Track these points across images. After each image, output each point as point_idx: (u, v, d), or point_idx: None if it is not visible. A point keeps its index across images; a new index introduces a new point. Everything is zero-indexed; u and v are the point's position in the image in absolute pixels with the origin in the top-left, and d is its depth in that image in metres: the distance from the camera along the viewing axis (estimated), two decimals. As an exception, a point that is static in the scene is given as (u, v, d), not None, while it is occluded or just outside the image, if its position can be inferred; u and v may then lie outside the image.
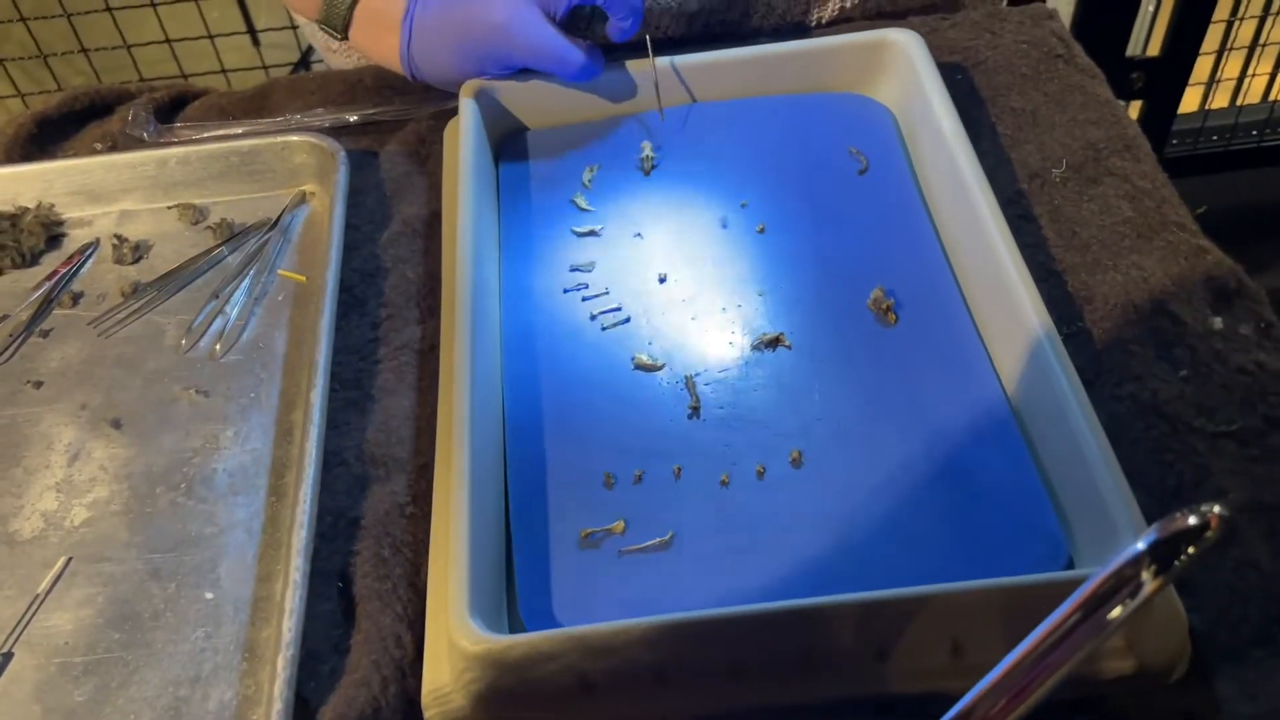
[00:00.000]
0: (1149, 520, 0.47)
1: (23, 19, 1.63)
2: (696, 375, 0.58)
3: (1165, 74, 1.52)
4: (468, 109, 0.67)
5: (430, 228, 0.68)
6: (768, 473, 0.54)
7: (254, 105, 0.78)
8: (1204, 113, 1.65)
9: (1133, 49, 1.51)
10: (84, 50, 1.67)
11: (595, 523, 0.53)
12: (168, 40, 1.62)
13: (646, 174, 0.68)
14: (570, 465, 0.55)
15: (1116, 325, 0.59)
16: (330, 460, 0.57)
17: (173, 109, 0.78)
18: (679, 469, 0.55)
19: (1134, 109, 1.54)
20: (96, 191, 0.71)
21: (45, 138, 0.76)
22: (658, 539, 0.52)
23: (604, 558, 0.52)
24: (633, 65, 0.70)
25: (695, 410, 0.57)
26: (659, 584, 0.51)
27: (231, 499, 0.57)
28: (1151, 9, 1.52)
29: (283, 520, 0.55)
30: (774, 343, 0.59)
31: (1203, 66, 1.55)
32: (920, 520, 0.52)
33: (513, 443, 0.57)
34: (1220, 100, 1.69)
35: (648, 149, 0.68)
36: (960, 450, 0.54)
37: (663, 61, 0.70)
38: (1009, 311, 0.56)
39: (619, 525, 0.53)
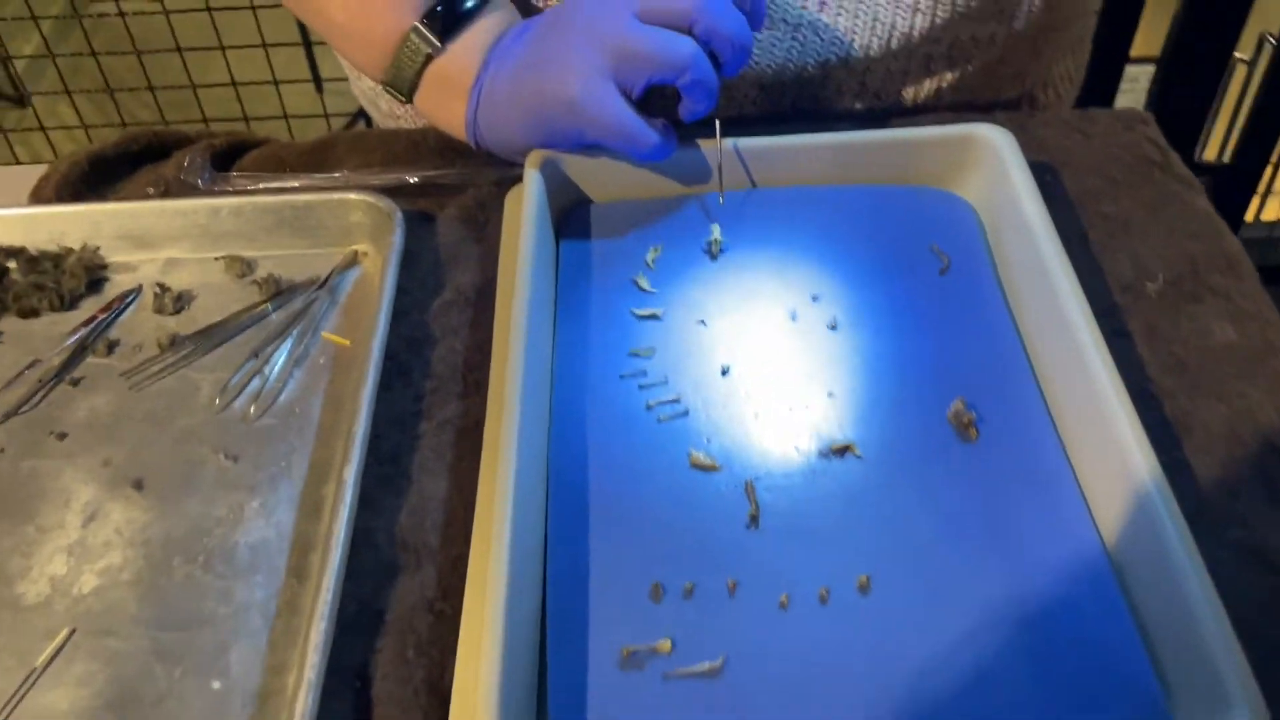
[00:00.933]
0: (1262, 686, 0.42)
1: (94, 53, 1.64)
2: (757, 479, 0.54)
3: (1232, 181, 1.48)
4: (532, 179, 0.64)
5: (482, 297, 0.65)
6: (832, 597, 0.49)
7: (314, 159, 0.75)
8: (1273, 225, 1.60)
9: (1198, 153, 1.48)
10: (150, 88, 1.68)
11: (639, 638, 0.48)
12: (234, 83, 1.63)
13: (713, 258, 0.65)
14: (616, 571, 0.51)
15: (1219, 461, 0.54)
16: (358, 542, 0.53)
17: (230, 157, 0.76)
18: (734, 584, 0.50)
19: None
20: (144, 237, 0.69)
21: (99, 178, 0.74)
22: (707, 663, 0.47)
23: (647, 680, 0.47)
24: (706, 144, 0.67)
25: (754, 519, 0.53)
26: (706, 714, 0.46)
27: (250, 577, 0.53)
28: (1228, 114, 1.48)
29: (302, 605, 0.51)
30: (843, 451, 0.55)
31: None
32: (999, 665, 0.47)
33: (555, 540, 0.52)
34: (1271, 212, 1.65)
35: (716, 232, 0.65)
36: (1046, 588, 0.49)
37: (735, 143, 0.67)
38: (1104, 437, 0.51)
39: (665, 644, 0.48)
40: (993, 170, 0.65)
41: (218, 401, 0.61)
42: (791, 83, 0.74)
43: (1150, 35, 1.45)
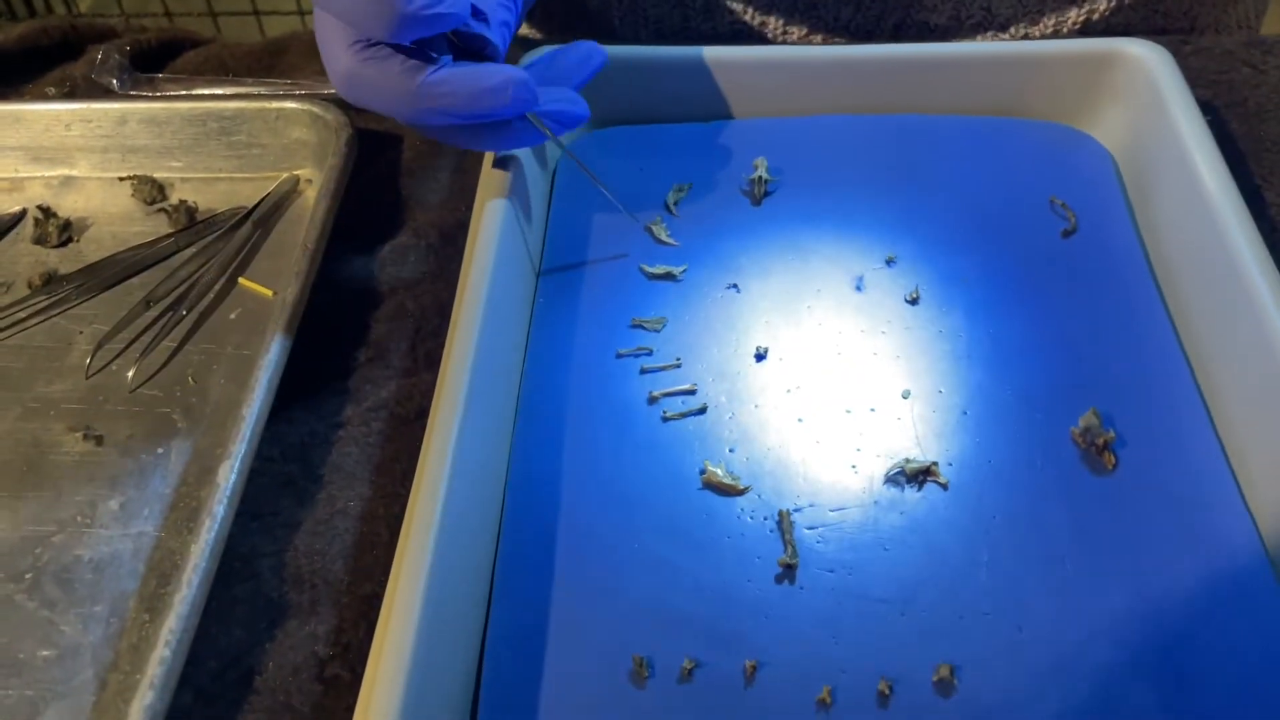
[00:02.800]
0: None
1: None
2: (795, 511, 0.38)
3: None
4: (520, 87, 0.48)
5: (449, 243, 0.50)
6: (896, 695, 0.34)
7: (262, 62, 0.60)
8: None
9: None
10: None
11: (609, 744, 0.33)
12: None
13: (756, 202, 0.49)
14: (583, 639, 0.35)
15: None
16: (236, 571, 0.39)
17: (163, 57, 0.61)
18: (753, 666, 0.34)
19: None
20: (36, 149, 0.55)
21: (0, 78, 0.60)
22: (706, 791, 0.32)
23: (614, 811, 0.32)
24: (748, 53, 0.51)
25: (789, 570, 0.37)
26: None
27: (89, 608, 0.39)
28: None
29: (147, 655, 0.37)
30: (922, 476, 0.39)
31: None
32: (1152, 827, 0.31)
33: (501, 588, 0.37)
34: None
35: (762, 167, 0.49)
36: (1221, 696, 0.33)
37: (788, 53, 0.50)
38: (1316, 482, 0.35)
39: (646, 755, 0.33)
40: (1140, 102, 0.48)
41: (89, 362, 0.46)
42: (893, 2, 0.57)
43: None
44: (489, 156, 0.46)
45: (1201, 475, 0.38)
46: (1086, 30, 0.59)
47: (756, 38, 0.60)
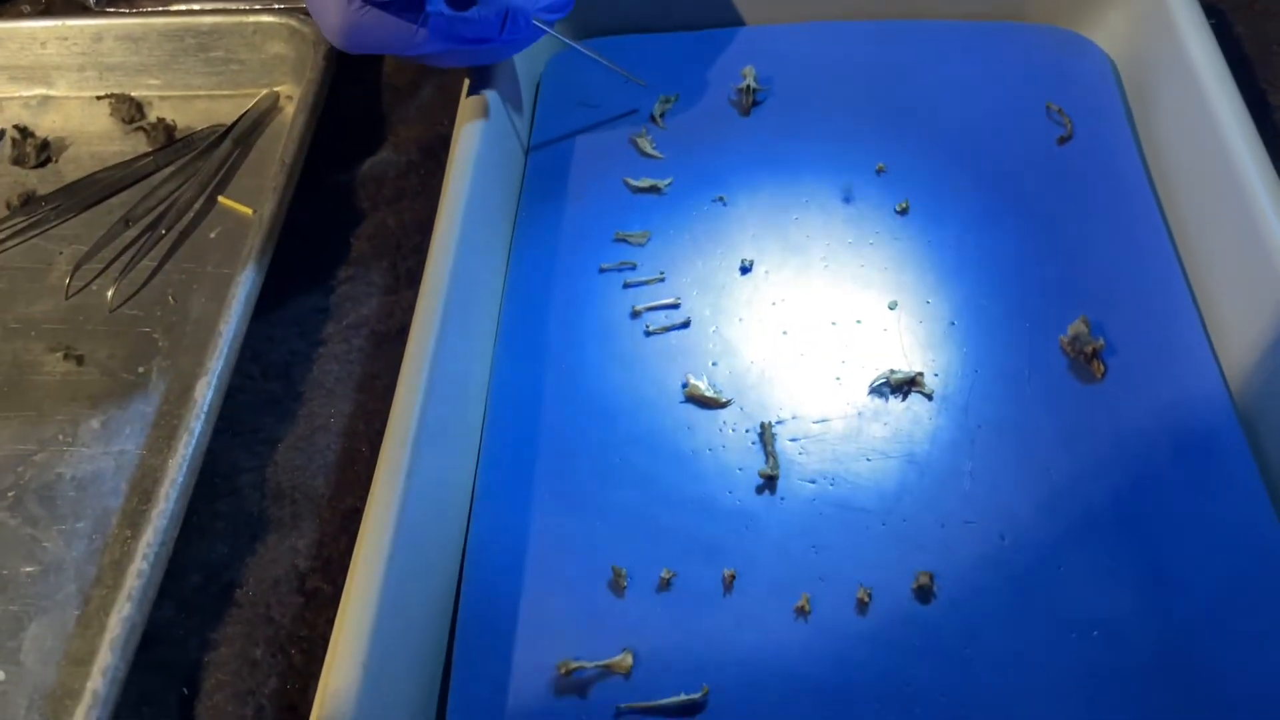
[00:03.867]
0: None
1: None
2: (778, 423, 0.38)
3: None
4: None
5: (431, 159, 0.49)
6: (875, 603, 0.33)
7: (242, -23, 0.58)
8: None
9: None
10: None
11: (588, 650, 0.33)
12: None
13: (745, 113, 0.47)
14: (562, 547, 0.35)
15: None
16: (217, 486, 0.39)
17: (139, -27, 0.59)
18: (732, 575, 0.34)
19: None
20: (11, 67, 0.53)
21: (-26, -5, 0.59)
22: (683, 695, 0.32)
23: (592, 713, 0.32)
24: (743, -43, 0.49)
25: (770, 481, 0.36)
26: (673, 777, 0.31)
27: (71, 524, 0.39)
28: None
29: (126, 573, 0.37)
30: (906, 386, 0.38)
31: None
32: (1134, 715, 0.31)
33: (482, 499, 0.37)
34: None
35: (750, 76, 0.47)
36: (1202, 600, 0.33)
37: (786, -45, 0.49)
38: (1307, 387, 0.34)
39: (624, 660, 0.33)
40: (1142, 6, 0.46)
41: (69, 282, 0.46)
42: None
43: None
44: (471, 70, 0.45)
45: (1191, 384, 0.37)
46: None
47: None
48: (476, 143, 0.42)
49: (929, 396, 0.38)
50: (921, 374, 0.38)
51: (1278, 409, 0.36)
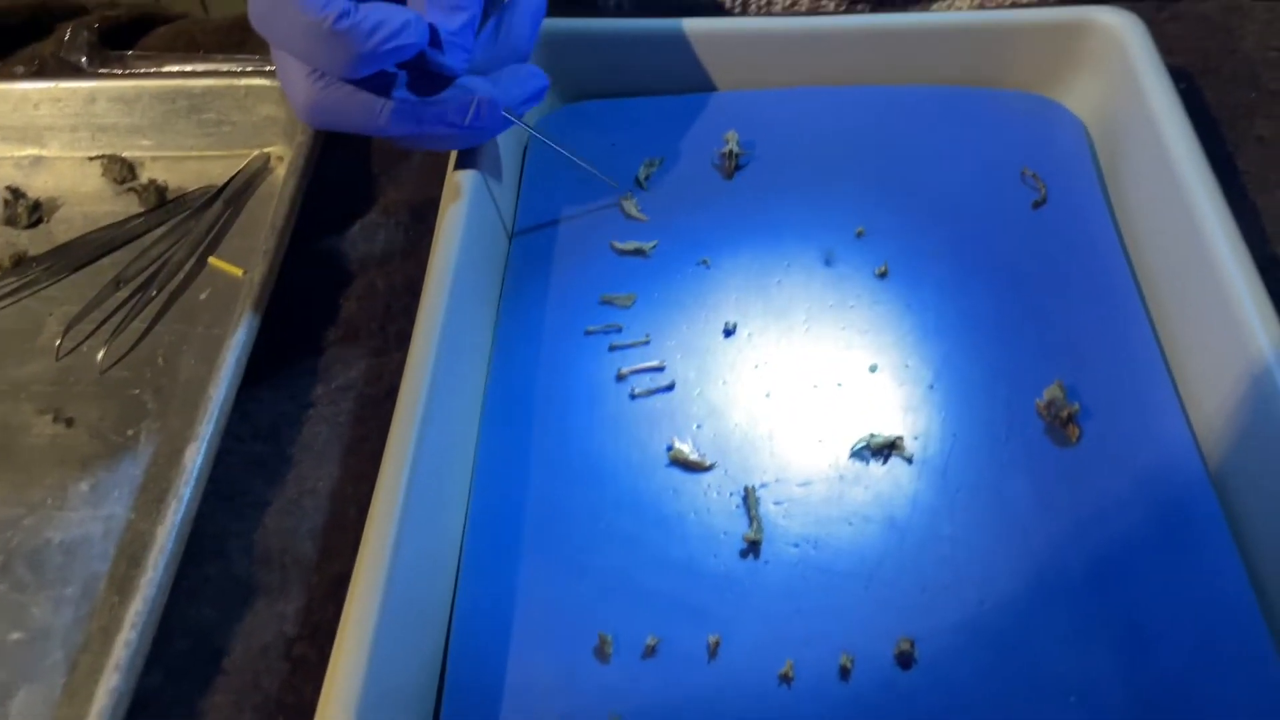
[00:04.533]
0: None
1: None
2: (762, 487, 0.38)
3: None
4: (488, 62, 0.48)
5: (420, 220, 0.49)
6: (857, 670, 0.34)
7: (233, 38, 0.60)
8: None
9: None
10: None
11: (572, 718, 0.33)
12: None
13: (728, 176, 0.48)
14: (549, 615, 0.36)
15: None
16: (205, 550, 0.39)
17: (132, 34, 0.60)
18: (716, 642, 0.35)
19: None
20: (6, 129, 0.54)
21: (-33, 56, 0.59)
22: (667, 765, 0.32)
23: (576, 785, 0.32)
24: (718, 25, 0.50)
25: (754, 545, 0.37)
26: (659, 846, 0.31)
27: (59, 589, 0.39)
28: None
29: (115, 637, 0.37)
30: (887, 450, 0.39)
31: None
32: (1107, 796, 0.31)
33: (469, 564, 0.37)
34: None
35: (733, 141, 0.49)
36: (1177, 666, 0.33)
37: (758, 24, 0.50)
38: (1273, 459, 0.35)
39: (609, 730, 0.33)
40: (1111, 71, 0.48)
41: (59, 344, 0.46)
42: None
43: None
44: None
45: (1164, 447, 0.38)
46: None
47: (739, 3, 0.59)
48: (464, 206, 0.43)
49: (909, 460, 0.39)
50: (901, 437, 0.39)
51: (1247, 469, 0.37)
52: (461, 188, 0.43)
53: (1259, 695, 0.33)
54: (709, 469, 0.39)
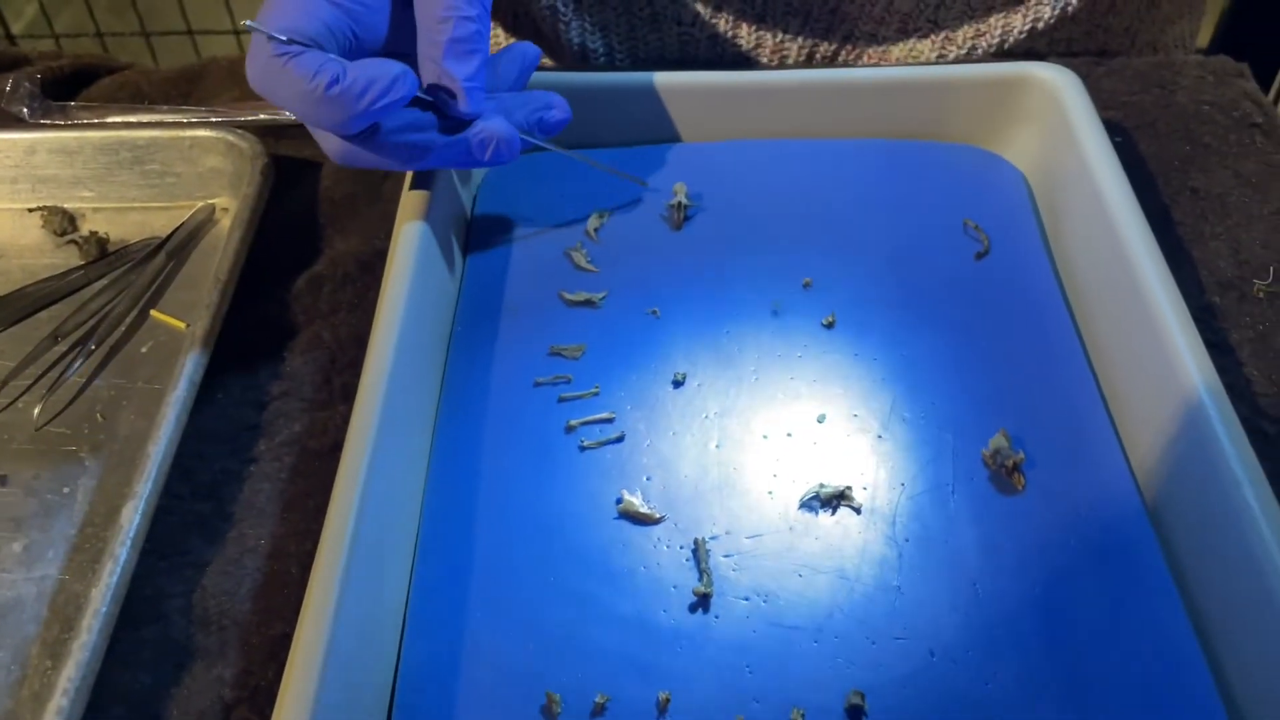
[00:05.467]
0: None
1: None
2: (712, 539, 0.38)
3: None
4: (437, 115, 0.48)
5: (368, 272, 0.49)
6: (808, 726, 0.34)
7: (179, 89, 0.59)
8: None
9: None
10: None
11: (519, 783, 0.33)
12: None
13: (676, 227, 0.49)
14: (496, 672, 0.35)
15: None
16: (141, 612, 0.38)
17: (75, 85, 0.60)
18: (666, 699, 0.34)
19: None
20: (-58, 180, 0.53)
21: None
22: (616, 828, 0.32)
23: None
24: (672, 78, 0.51)
25: (704, 599, 0.37)
26: None
27: (-13, 655, 0.38)
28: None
29: (47, 704, 0.36)
30: (836, 500, 0.39)
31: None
32: None
33: (414, 622, 0.37)
34: None
35: (681, 193, 0.49)
36: (1122, 713, 0.33)
37: (708, 79, 0.51)
38: (1206, 493, 0.35)
39: (557, 792, 0.32)
40: (1050, 125, 0.49)
41: (-6, 400, 0.45)
42: (821, 10, 0.57)
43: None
44: (408, 184, 0.46)
45: (1107, 493, 0.39)
46: (1032, 40, 0.59)
47: (706, 46, 0.60)
48: (412, 257, 0.43)
49: (858, 510, 0.39)
50: (850, 487, 0.39)
51: (1183, 512, 0.37)
52: (409, 240, 0.43)
53: (1205, 743, 0.33)
54: (659, 521, 0.39)
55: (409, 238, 0.43)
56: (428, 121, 0.41)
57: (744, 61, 0.60)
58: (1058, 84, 0.49)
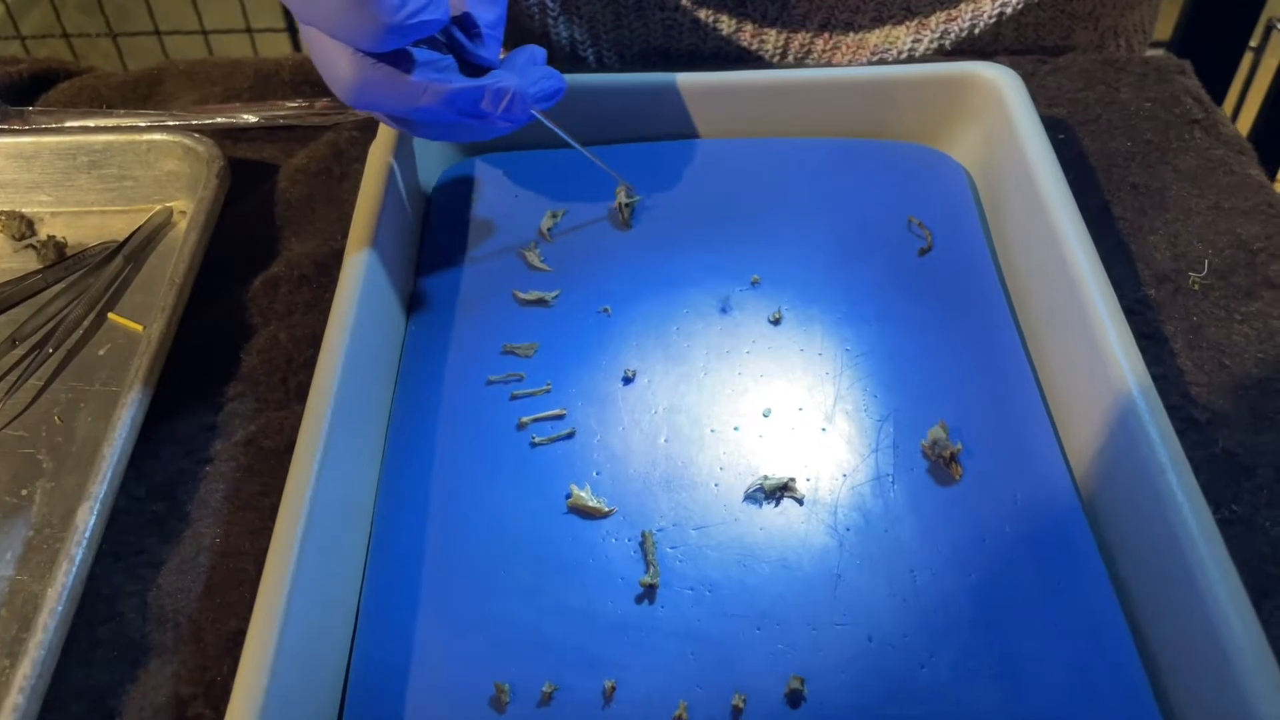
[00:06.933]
0: None
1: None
2: (659, 531, 0.39)
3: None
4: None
5: (324, 274, 0.50)
6: (749, 710, 0.35)
7: (137, 92, 0.60)
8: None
9: None
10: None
11: (467, 770, 0.33)
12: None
13: (624, 226, 0.50)
14: (446, 665, 0.36)
15: (1296, 516, 0.40)
16: (97, 611, 0.38)
17: (33, 90, 0.60)
18: (612, 687, 0.35)
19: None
20: (-101, 185, 0.53)
21: None
22: (561, 812, 0.33)
23: (471, 836, 0.32)
24: (616, 80, 0.52)
25: (650, 590, 0.38)
26: None
27: (-55, 655, 0.38)
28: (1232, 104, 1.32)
29: (2, 707, 0.36)
30: (780, 492, 0.40)
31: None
32: (987, 825, 0.32)
33: (367, 616, 0.37)
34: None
35: (622, 192, 0.50)
36: (1055, 694, 0.35)
37: (656, 80, 0.52)
38: (1138, 483, 0.37)
39: (504, 779, 0.33)
40: (993, 123, 0.50)
41: (-49, 404, 0.45)
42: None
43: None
44: (364, 186, 0.46)
45: (1042, 482, 0.40)
46: (1000, 25, 0.61)
47: (689, 31, 0.61)
48: (366, 258, 0.43)
49: (800, 501, 0.40)
50: (794, 479, 0.40)
51: (1114, 498, 0.38)
52: (364, 240, 0.44)
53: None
54: (608, 515, 0.40)
55: (363, 238, 0.44)
56: (449, 64, 0.40)
57: (725, 47, 0.61)
58: (1000, 83, 0.50)
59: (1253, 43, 1.27)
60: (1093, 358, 0.40)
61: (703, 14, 0.60)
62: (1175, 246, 0.50)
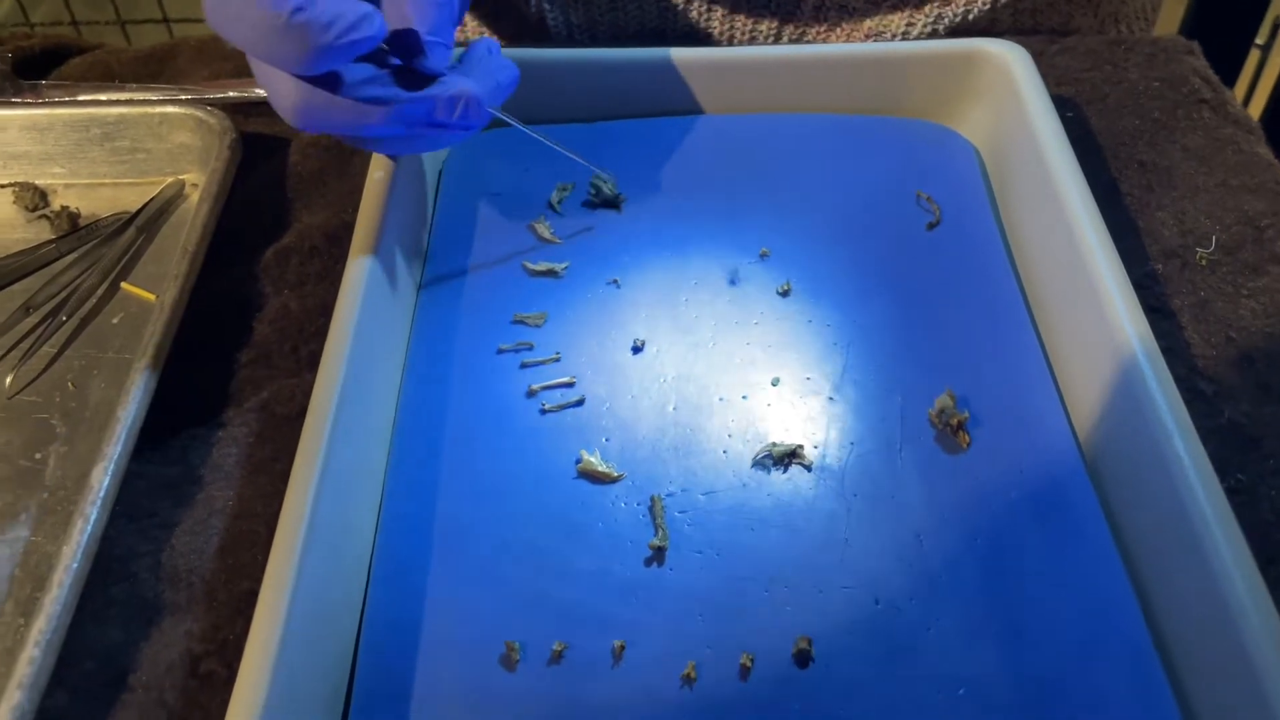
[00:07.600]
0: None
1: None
2: (668, 496, 0.40)
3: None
4: (402, 90, 0.49)
5: (335, 245, 0.50)
6: (757, 669, 0.35)
7: (150, 68, 0.60)
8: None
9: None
10: None
11: (478, 726, 0.34)
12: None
13: (613, 207, 0.50)
14: (456, 623, 0.36)
15: (1302, 486, 0.40)
16: (111, 571, 0.39)
17: (46, 64, 0.60)
18: (621, 646, 0.36)
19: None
20: (-86, 157, 0.54)
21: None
22: (571, 767, 0.33)
23: (481, 790, 0.33)
24: (628, 55, 0.52)
25: (659, 552, 0.38)
26: (562, 846, 0.32)
27: (-39, 613, 0.38)
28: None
29: (19, 656, 0.37)
30: (788, 459, 0.40)
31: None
32: (992, 782, 0.32)
33: (379, 578, 0.38)
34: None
35: (599, 181, 0.50)
36: (1059, 655, 0.35)
37: (669, 55, 0.52)
38: (1145, 452, 0.37)
39: (514, 734, 0.34)
40: (1001, 100, 0.50)
41: (-34, 370, 0.46)
42: None
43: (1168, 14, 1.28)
44: (375, 158, 0.47)
45: (1048, 451, 0.40)
46: (995, 11, 0.61)
47: (683, 14, 0.61)
48: (378, 229, 0.44)
49: (808, 468, 0.40)
50: (802, 446, 0.41)
51: (1119, 464, 0.39)
52: (376, 211, 0.44)
53: (1135, 683, 0.34)
54: (616, 480, 0.40)
55: (374, 210, 0.44)
56: (390, 78, 0.39)
57: (720, 32, 0.61)
58: (1009, 60, 0.50)
59: (1259, 40, 1.27)
60: (1099, 327, 0.40)
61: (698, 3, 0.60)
62: (1183, 223, 0.50)
